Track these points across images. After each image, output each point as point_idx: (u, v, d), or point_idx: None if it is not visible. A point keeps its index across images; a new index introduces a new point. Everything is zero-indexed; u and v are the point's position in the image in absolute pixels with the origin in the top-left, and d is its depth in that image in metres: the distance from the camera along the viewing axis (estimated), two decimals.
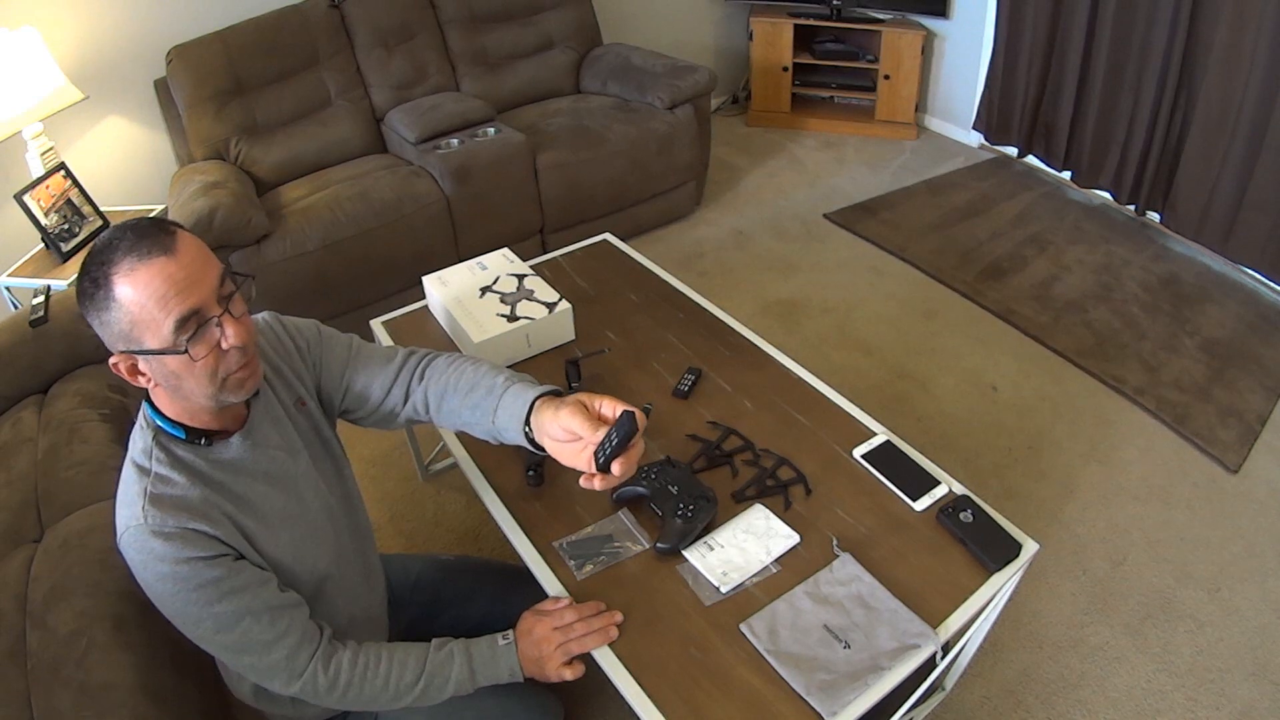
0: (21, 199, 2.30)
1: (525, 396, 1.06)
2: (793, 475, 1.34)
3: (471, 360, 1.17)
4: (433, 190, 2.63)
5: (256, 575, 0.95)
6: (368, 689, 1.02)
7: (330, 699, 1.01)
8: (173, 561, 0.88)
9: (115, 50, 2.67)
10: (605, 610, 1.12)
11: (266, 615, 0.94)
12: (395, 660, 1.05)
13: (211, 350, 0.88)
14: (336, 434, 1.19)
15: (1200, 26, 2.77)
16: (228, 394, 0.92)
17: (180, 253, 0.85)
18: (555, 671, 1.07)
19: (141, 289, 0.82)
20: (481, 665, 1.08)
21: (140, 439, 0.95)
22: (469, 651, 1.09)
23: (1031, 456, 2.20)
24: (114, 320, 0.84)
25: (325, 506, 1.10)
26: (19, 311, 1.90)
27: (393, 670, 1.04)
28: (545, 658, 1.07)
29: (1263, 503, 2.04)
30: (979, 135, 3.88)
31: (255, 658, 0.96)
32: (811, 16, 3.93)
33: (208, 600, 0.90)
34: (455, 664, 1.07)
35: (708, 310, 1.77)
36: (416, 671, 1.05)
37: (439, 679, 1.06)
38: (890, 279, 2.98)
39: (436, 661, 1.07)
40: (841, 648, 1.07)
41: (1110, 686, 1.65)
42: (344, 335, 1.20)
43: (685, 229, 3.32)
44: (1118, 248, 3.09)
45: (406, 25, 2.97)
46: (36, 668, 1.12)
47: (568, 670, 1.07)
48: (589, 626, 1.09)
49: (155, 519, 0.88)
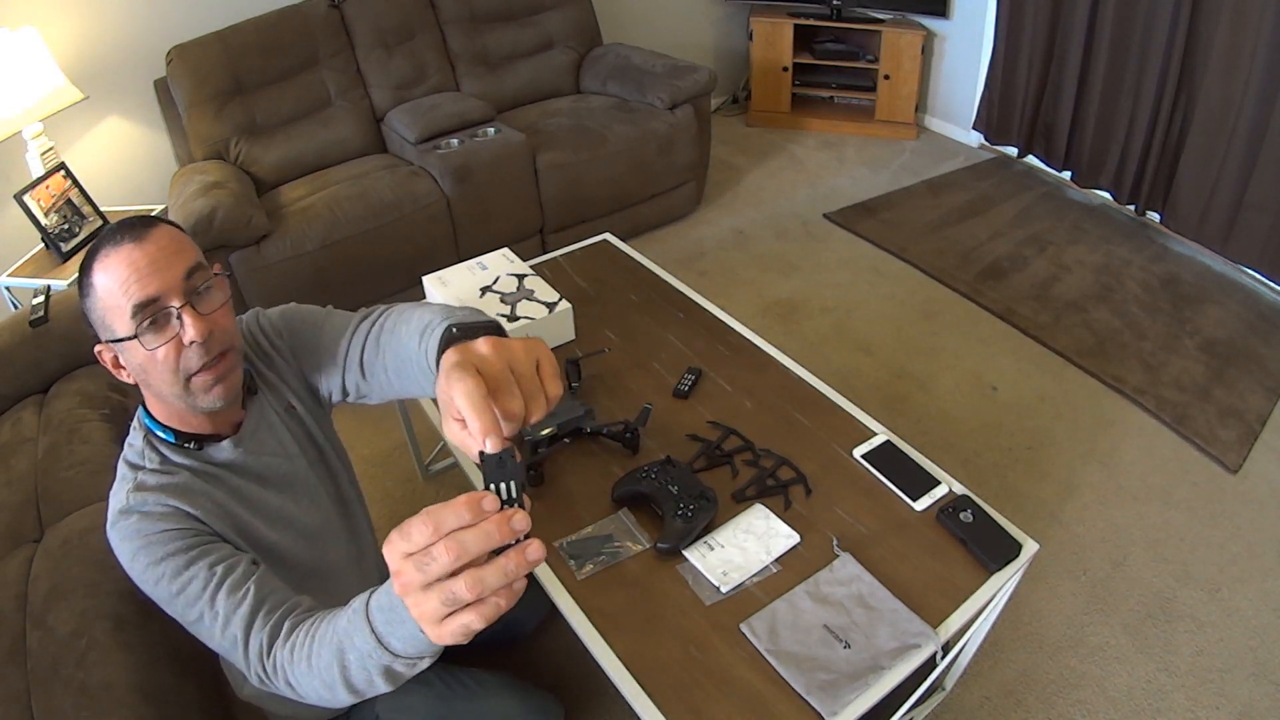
0: (21, 199, 2.30)
1: (431, 359, 0.82)
2: (793, 475, 1.34)
3: (407, 313, 0.95)
4: (433, 190, 2.63)
5: (228, 549, 0.89)
6: (297, 670, 0.78)
7: (281, 687, 0.82)
8: (145, 535, 0.86)
9: (115, 50, 2.67)
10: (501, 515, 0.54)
11: (226, 586, 0.83)
12: (318, 637, 0.76)
13: (167, 343, 0.86)
14: (332, 434, 1.17)
15: (1200, 26, 2.77)
16: (195, 398, 0.89)
17: (148, 241, 0.85)
18: (448, 635, 0.55)
19: (109, 275, 0.84)
20: (382, 622, 0.66)
21: (134, 441, 0.95)
22: (366, 609, 0.68)
23: (1031, 456, 2.20)
24: (93, 308, 0.86)
25: (322, 510, 1.09)
26: (19, 311, 1.90)
27: (313, 649, 0.76)
28: (422, 616, 0.55)
29: (1263, 503, 2.04)
30: (979, 135, 3.88)
31: (218, 635, 0.83)
32: (811, 16, 3.93)
33: (175, 571, 0.84)
34: (356, 630, 0.69)
35: (708, 310, 1.77)
36: (332, 645, 0.73)
37: (352, 659, 0.71)
38: (890, 279, 2.98)
39: (344, 630, 0.71)
40: (842, 647, 1.07)
41: (1110, 686, 1.65)
42: (317, 314, 1.09)
43: (685, 229, 3.32)
44: (1118, 248, 3.09)
45: (406, 25, 2.97)
46: (36, 668, 1.12)
47: (462, 624, 0.55)
48: (477, 580, 0.52)
49: (137, 499, 0.88)
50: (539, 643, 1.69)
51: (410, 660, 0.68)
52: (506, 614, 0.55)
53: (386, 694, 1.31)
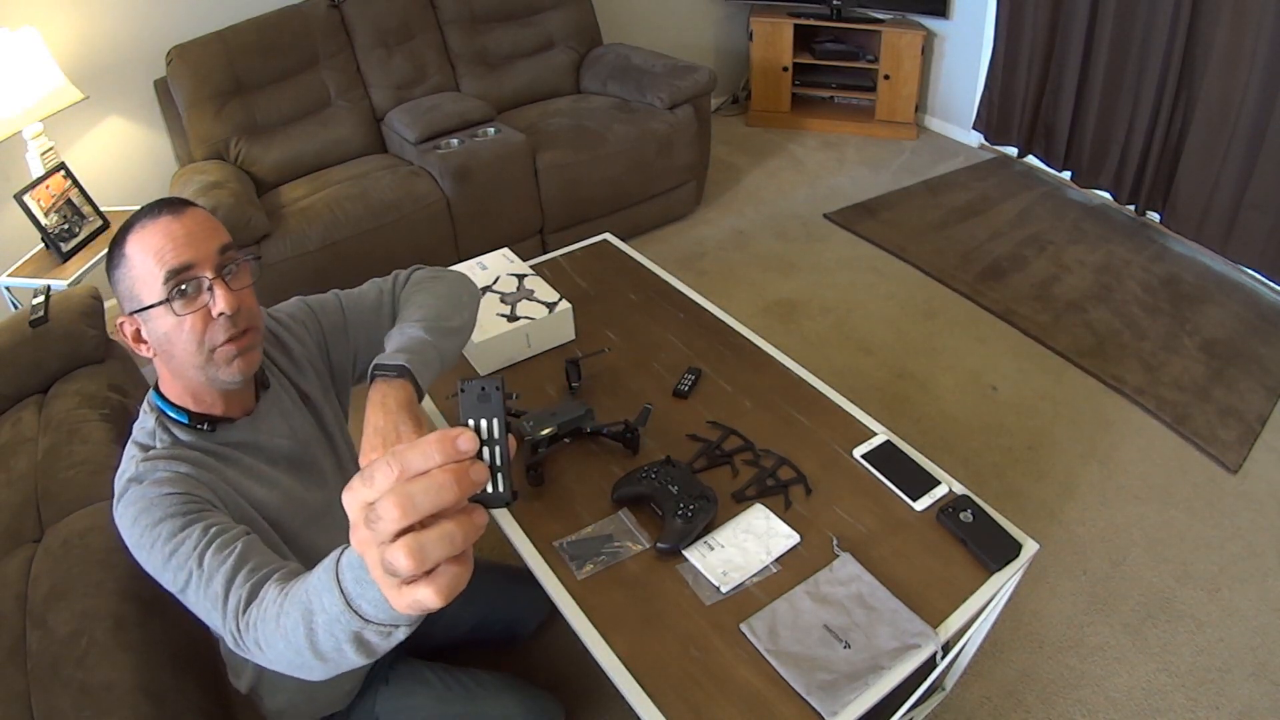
0: (21, 199, 2.30)
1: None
2: (793, 475, 1.34)
3: (434, 277, 1.22)
4: (433, 190, 2.63)
5: (226, 518, 0.88)
6: (266, 629, 0.73)
7: (250, 648, 0.77)
8: (148, 499, 0.86)
9: (115, 50, 2.67)
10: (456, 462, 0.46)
11: (215, 545, 0.82)
12: (290, 595, 0.70)
13: (198, 311, 0.89)
14: (342, 426, 1.20)
15: (1200, 26, 2.77)
16: (217, 369, 0.92)
17: (186, 216, 0.90)
18: (404, 608, 0.47)
19: (145, 244, 0.88)
20: (352, 580, 0.57)
21: (144, 422, 0.96)
22: (336, 567, 0.59)
23: (1031, 456, 2.20)
24: (122, 278, 0.89)
25: (326, 495, 1.11)
26: (19, 311, 1.90)
27: (283, 606, 0.70)
28: (379, 580, 0.48)
29: (1263, 503, 2.04)
30: (979, 135, 3.88)
31: (202, 595, 0.80)
32: (811, 16, 3.93)
33: (170, 533, 0.84)
34: (324, 590, 0.60)
35: (708, 310, 1.77)
36: (301, 604, 0.66)
37: (320, 623, 0.62)
38: (890, 279, 2.98)
39: (314, 587, 0.63)
40: (842, 647, 1.07)
41: (1110, 686, 1.65)
42: (330, 299, 1.20)
43: (685, 229, 3.32)
44: (1118, 248, 3.09)
45: (406, 25, 2.97)
46: (36, 668, 1.12)
47: (415, 599, 0.47)
48: (418, 548, 0.44)
49: (146, 466, 0.90)
50: (539, 643, 1.69)
51: (383, 628, 0.57)
52: (505, 614, 0.54)
53: (387, 696, 1.31)
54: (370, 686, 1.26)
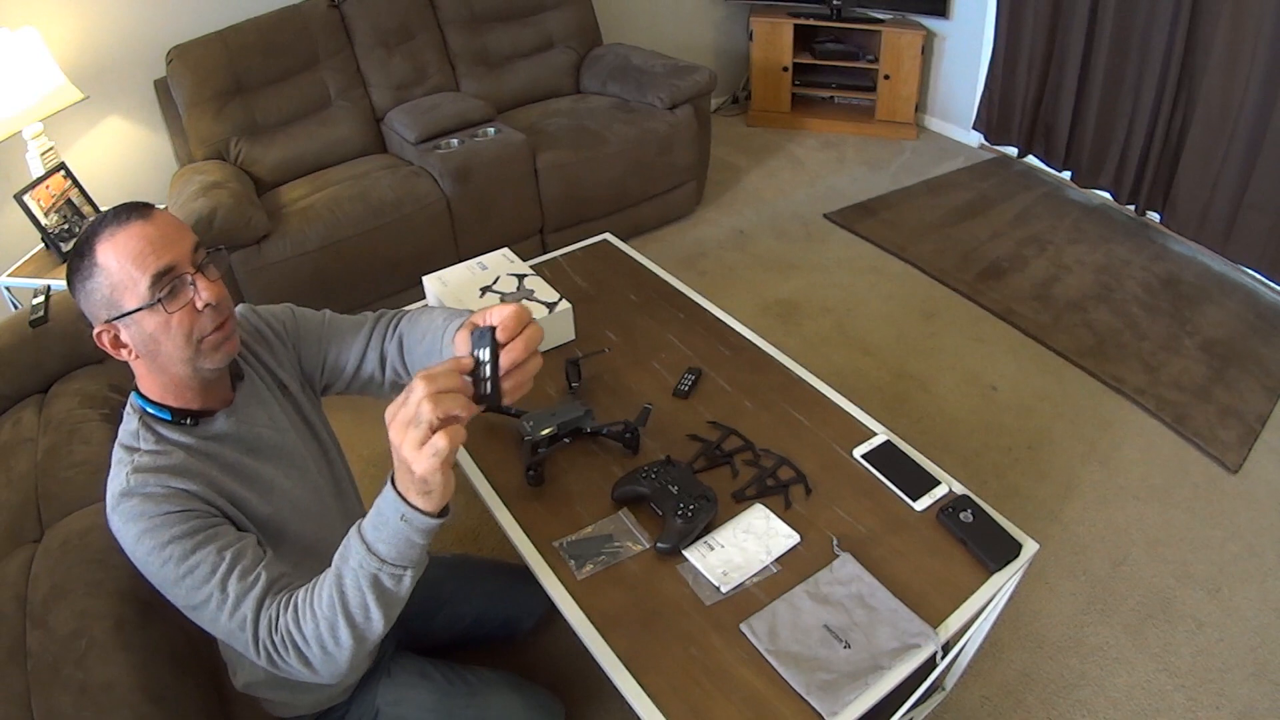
0: (21, 199, 2.30)
1: (450, 332, 1.07)
2: (793, 475, 1.34)
3: (431, 309, 1.17)
4: (433, 190, 2.63)
5: (234, 532, 0.93)
6: (305, 625, 0.86)
7: (291, 659, 0.88)
8: (149, 517, 0.88)
9: (115, 50, 2.67)
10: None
11: (238, 571, 0.88)
12: (319, 583, 0.87)
13: (185, 306, 0.91)
14: (324, 418, 1.22)
15: (1200, 26, 2.77)
16: (204, 359, 0.94)
17: (157, 218, 0.91)
18: (425, 463, 0.72)
19: (120, 250, 0.88)
20: (370, 527, 0.83)
21: (128, 423, 0.98)
22: (358, 526, 0.85)
23: (1031, 456, 2.20)
24: (96, 288, 0.89)
25: (314, 486, 1.12)
26: (19, 311, 1.90)
27: (315, 593, 0.86)
28: (407, 459, 0.73)
29: (1263, 503, 2.04)
30: (979, 135, 3.88)
31: (225, 618, 0.87)
32: (811, 16, 3.93)
33: (183, 554, 0.87)
34: (351, 546, 0.84)
35: (708, 310, 1.77)
36: (332, 577, 0.85)
37: (348, 576, 0.84)
38: (890, 279, 2.98)
39: (341, 555, 0.86)
40: (842, 647, 1.07)
41: (1110, 686, 1.65)
42: (316, 312, 1.22)
43: (685, 229, 3.32)
44: (1118, 248, 3.09)
45: (406, 25, 2.97)
46: (36, 668, 1.12)
47: (438, 445, 0.71)
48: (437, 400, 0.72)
49: (137, 481, 0.91)
50: (539, 642, 1.69)
51: (396, 570, 0.82)
52: (504, 610, 0.66)
53: (388, 689, 1.32)
54: (372, 680, 1.26)
